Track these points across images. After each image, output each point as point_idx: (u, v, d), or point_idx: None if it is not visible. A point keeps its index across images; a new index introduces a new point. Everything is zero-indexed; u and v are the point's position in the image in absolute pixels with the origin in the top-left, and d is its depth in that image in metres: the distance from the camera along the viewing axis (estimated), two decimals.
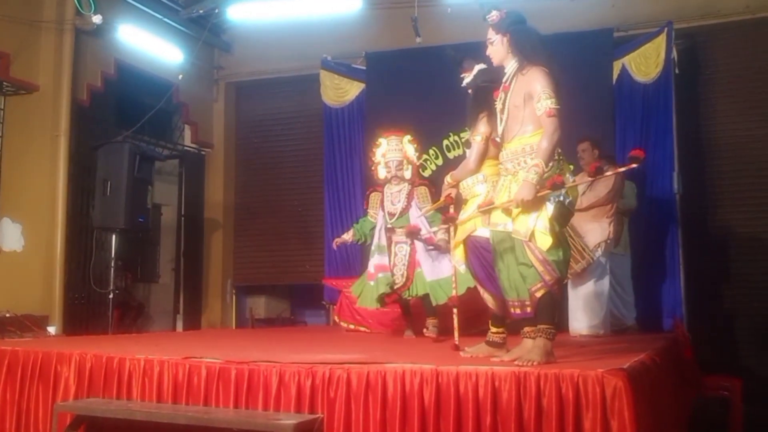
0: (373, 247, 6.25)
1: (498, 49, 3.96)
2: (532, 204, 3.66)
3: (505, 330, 4.34)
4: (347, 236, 6.54)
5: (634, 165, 3.77)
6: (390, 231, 6.12)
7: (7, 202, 7.51)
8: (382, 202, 6.24)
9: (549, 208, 3.71)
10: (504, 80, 3.96)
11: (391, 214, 6.13)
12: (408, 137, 6.23)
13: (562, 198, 3.75)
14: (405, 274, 5.98)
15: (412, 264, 5.96)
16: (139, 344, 5.11)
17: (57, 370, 4.26)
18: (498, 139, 3.96)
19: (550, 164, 3.71)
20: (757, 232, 7.81)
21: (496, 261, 3.94)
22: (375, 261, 6.14)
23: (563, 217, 3.80)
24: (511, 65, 3.94)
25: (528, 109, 3.80)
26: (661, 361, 4.27)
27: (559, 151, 3.81)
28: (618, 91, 7.83)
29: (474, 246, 4.31)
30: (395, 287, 5.99)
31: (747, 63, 8.03)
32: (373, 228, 6.32)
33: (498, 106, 3.99)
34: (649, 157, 7.60)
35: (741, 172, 7.97)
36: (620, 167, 3.77)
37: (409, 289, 5.98)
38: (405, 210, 6.08)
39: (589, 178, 4.54)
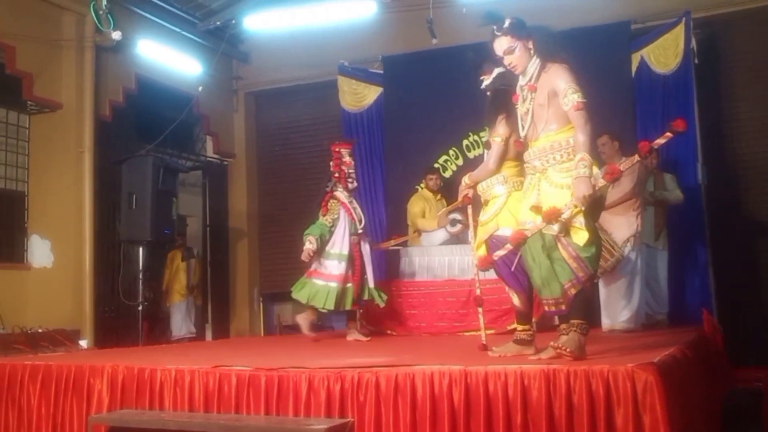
0: (335, 252, 6.31)
1: (521, 55, 3.90)
2: (592, 199, 3.60)
3: (532, 327, 4.34)
4: (311, 246, 6.30)
5: (670, 135, 3.67)
6: (361, 236, 6.40)
7: (36, 220, 7.64)
8: (347, 208, 6.38)
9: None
10: (528, 80, 3.91)
11: (360, 221, 6.43)
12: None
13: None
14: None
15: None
16: (169, 355, 5.16)
17: (90, 383, 4.30)
18: (521, 140, 3.94)
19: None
20: None
21: (526, 259, 3.89)
22: (339, 269, 6.27)
23: (596, 211, 3.78)
24: (533, 65, 3.90)
25: (552, 107, 3.78)
26: (692, 354, 4.23)
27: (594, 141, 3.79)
28: (637, 84, 7.78)
29: (496, 245, 4.31)
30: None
31: (767, 50, 7.93)
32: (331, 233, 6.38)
33: (521, 108, 3.95)
34: (672, 148, 7.54)
35: (766, 160, 7.87)
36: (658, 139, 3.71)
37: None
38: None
39: (638, 159, 4.32)
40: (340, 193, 6.42)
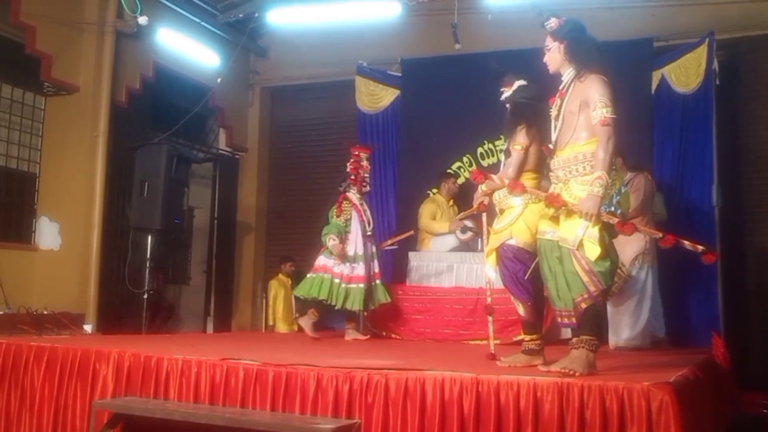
0: (352, 254, 6.54)
1: (555, 56, 3.97)
2: (595, 217, 3.62)
3: (540, 336, 4.30)
4: (336, 242, 6.56)
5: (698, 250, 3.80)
6: (369, 239, 6.64)
7: (46, 201, 7.62)
8: (359, 210, 6.62)
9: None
10: (561, 87, 3.96)
11: (369, 223, 6.69)
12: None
13: (613, 209, 3.70)
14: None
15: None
16: (176, 344, 5.13)
17: (95, 368, 4.28)
18: (551, 146, 3.94)
19: (612, 173, 3.69)
20: None
21: (543, 269, 3.89)
22: (360, 270, 6.51)
23: (613, 227, 3.76)
24: (568, 72, 3.95)
25: (582, 116, 3.80)
26: (703, 376, 4.19)
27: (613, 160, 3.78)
28: (657, 102, 7.73)
29: (506, 254, 4.30)
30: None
31: None
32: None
33: (553, 112, 3.97)
34: (688, 168, 7.51)
35: None
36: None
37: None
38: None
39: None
40: (353, 195, 6.63)
